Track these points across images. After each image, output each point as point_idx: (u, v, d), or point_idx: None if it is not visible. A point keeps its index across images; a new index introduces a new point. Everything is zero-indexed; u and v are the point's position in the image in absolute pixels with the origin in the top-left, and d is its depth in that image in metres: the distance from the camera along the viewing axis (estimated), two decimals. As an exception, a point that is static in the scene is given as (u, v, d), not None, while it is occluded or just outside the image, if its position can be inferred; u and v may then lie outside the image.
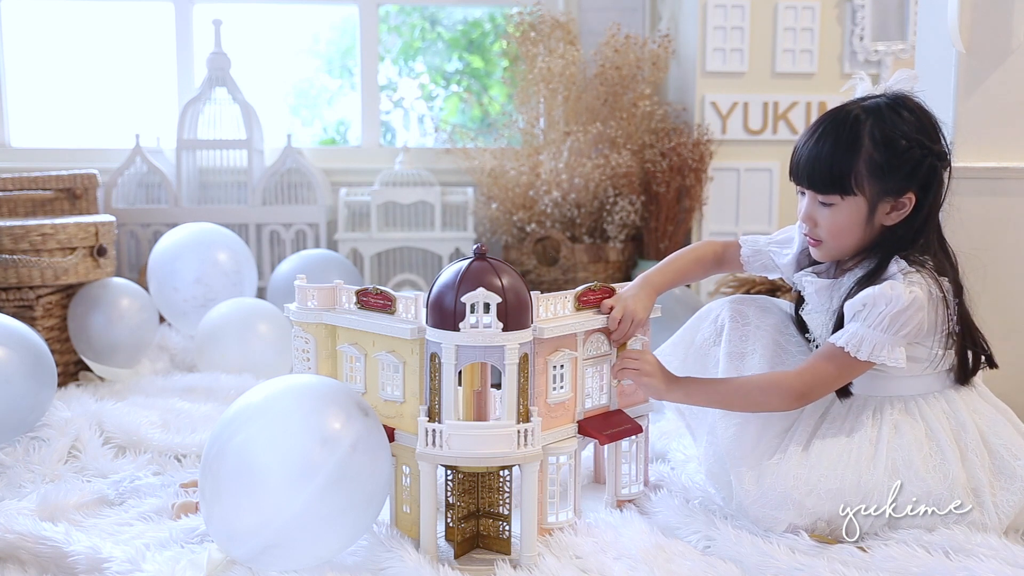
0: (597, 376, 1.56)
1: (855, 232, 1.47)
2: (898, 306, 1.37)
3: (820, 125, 1.47)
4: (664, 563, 1.34)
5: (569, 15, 3.31)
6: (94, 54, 3.55)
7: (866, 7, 3.05)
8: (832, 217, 1.46)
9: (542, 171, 3.05)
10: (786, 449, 1.47)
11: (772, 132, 3.11)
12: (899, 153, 1.42)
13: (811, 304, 1.55)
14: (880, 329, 1.38)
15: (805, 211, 1.49)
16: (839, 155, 1.43)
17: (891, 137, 1.42)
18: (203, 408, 2.14)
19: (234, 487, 1.25)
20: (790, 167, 1.51)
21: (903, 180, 1.43)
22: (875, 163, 1.42)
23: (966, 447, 1.44)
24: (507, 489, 1.46)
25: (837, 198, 1.45)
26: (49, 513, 1.55)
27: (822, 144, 1.45)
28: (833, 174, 1.43)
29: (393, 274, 3.29)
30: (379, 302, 1.48)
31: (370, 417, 1.33)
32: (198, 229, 2.81)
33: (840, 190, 1.44)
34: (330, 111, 3.79)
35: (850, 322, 1.42)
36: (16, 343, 1.87)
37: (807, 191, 1.49)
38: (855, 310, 1.41)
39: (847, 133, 1.43)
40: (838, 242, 1.48)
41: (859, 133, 1.43)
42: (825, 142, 1.44)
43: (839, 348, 1.41)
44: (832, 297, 1.51)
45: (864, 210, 1.45)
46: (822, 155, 1.44)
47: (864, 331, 1.39)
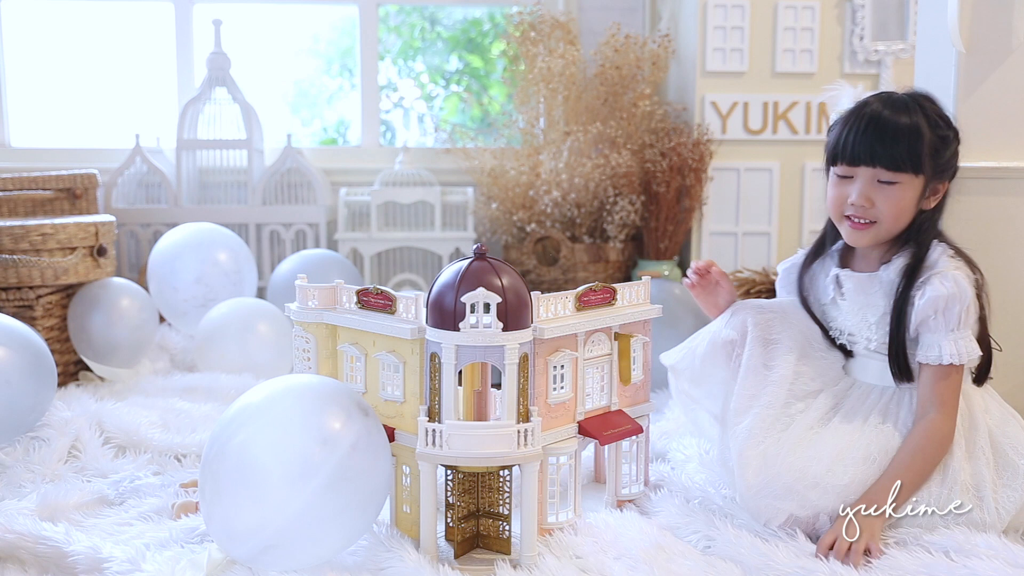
0: (597, 376, 1.56)
1: (909, 213, 1.49)
2: (968, 298, 1.42)
3: (876, 109, 1.47)
4: (664, 563, 1.34)
5: (569, 15, 3.31)
6: (94, 54, 3.55)
7: (866, 7, 3.05)
8: (895, 196, 1.47)
9: (542, 171, 3.05)
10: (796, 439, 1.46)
11: (772, 132, 3.10)
12: (947, 139, 1.48)
13: (848, 299, 1.54)
14: (965, 326, 1.43)
15: (860, 192, 1.48)
16: (912, 138, 1.45)
17: (942, 123, 1.48)
18: (203, 408, 2.14)
19: (234, 487, 1.25)
20: (841, 150, 1.49)
21: (947, 165, 1.49)
22: (934, 146, 1.47)
23: (974, 445, 1.44)
24: (507, 489, 1.46)
25: (907, 176, 1.46)
26: (49, 513, 1.55)
27: (895, 123, 1.45)
28: (911, 150, 1.45)
29: (393, 274, 3.29)
30: (379, 302, 1.48)
31: (370, 417, 1.33)
32: (198, 229, 2.81)
33: (913, 168, 1.45)
34: (330, 111, 3.79)
35: (931, 333, 1.44)
36: (16, 343, 1.87)
37: (868, 171, 1.47)
38: (925, 316, 1.43)
39: (911, 115, 1.46)
40: (895, 223, 1.49)
41: (918, 116, 1.46)
42: (897, 120, 1.46)
43: (948, 365, 1.43)
44: (869, 292, 1.51)
45: (919, 191, 1.48)
46: (900, 132, 1.45)
47: (955, 336, 1.43)
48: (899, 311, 1.47)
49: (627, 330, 1.60)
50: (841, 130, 1.50)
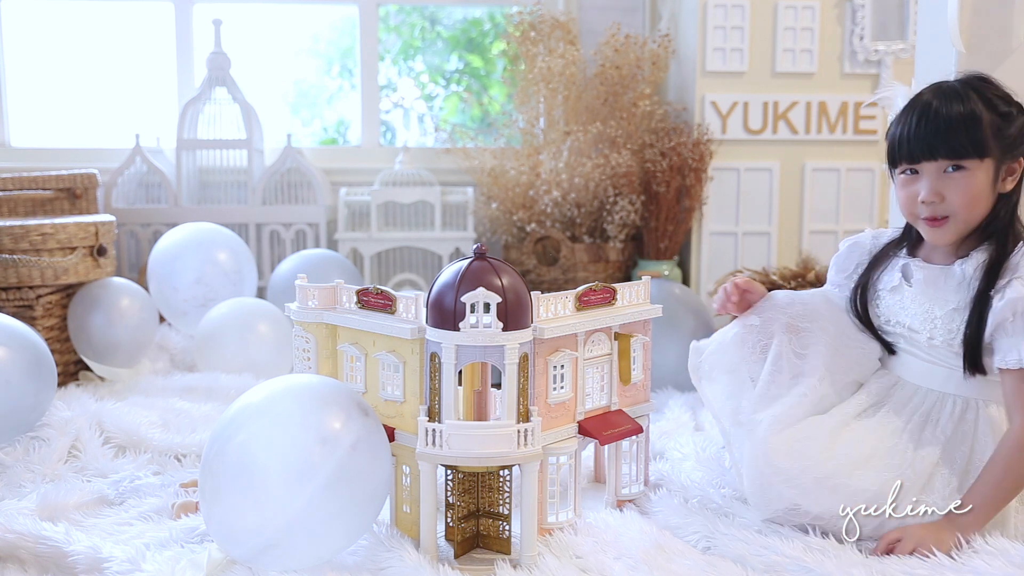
0: (597, 376, 1.56)
1: (985, 200, 1.45)
2: None
3: (927, 101, 1.46)
4: (664, 563, 1.34)
5: (569, 15, 3.31)
6: (94, 54, 3.55)
7: (866, 7, 3.05)
8: (966, 183, 1.43)
9: (542, 171, 3.05)
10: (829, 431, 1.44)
11: (772, 132, 3.10)
12: (1010, 116, 1.44)
13: (916, 290, 1.50)
14: None
15: (929, 189, 1.44)
16: (970, 123, 1.42)
17: (1000, 102, 1.45)
18: (203, 408, 2.14)
19: (234, 487, 1.25)
20: (901, 145, 1.47)
21: (1016, 142, 1.44)
22: (995, 125, 1.43)
23: None
24: (507, 489, 1.46)
25: (974, 161, 1.42)
26: (49, 513, 1.55)
27: (947, 112, 1.43)
28: (971, 135, 1.42)
29: (393, 274, 3.29)
30: (379, 302, 1.48)
31: (370, 417, 1.33)
32: (198, 229, 2.81)
33: (977, 152, 1.42)
34: (330, 111, 3.79)
35: (1008, 337, 1.39)
36: (16, 343, 1.87)
37: (932, 165, 1.44)
38: (1003, 319, 1.39)
39: (968, 108, 1.43)
40: (971, 213, 1.45)
41: (972, 100, 1.43)
42: (949, 109, 1.43)
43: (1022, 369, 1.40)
44: (940, 285, 1.48)
45: (991, 174, 1.44)
46: (953, 120, 1.42)
47: None
48: (978, 309, 1.43)
49: (627, 330, 1.60)
50: (896, 129, 1.48)
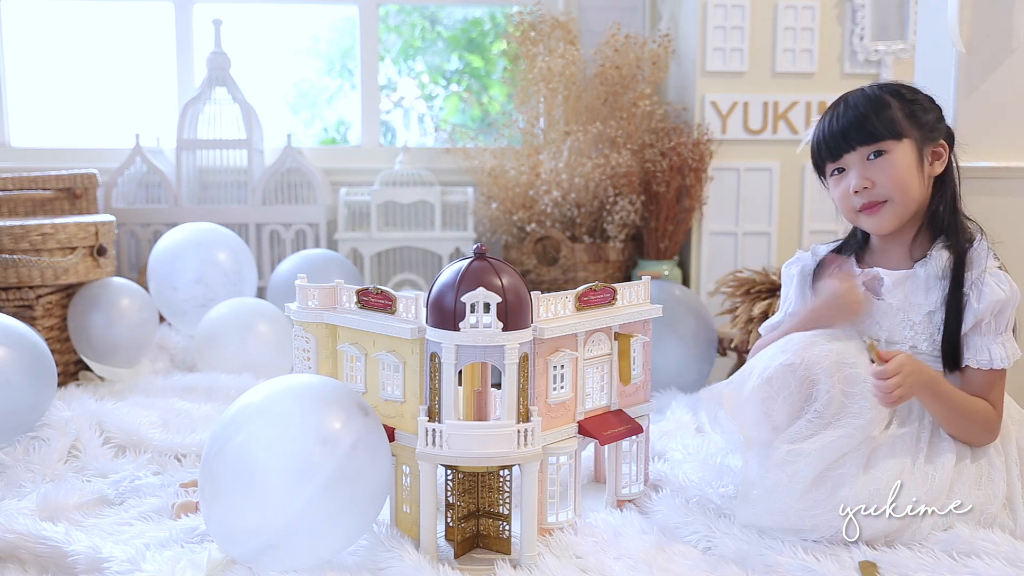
0: (597, 376, 1.56)
1: (916, 181, 1.48)
2: (1017, 300, 1.43)
3: (841, 102, 1.51)
4: (664, 563, 1.34)
5: (569, 15, 3.31)
6: (94, 54, 3.55)
7: (866, 7, 3.05)
8: (890, 164, 1.46)
9: (542, 171, 3.05)
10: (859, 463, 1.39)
11: (772, 132, 3.10)
12: (920, 102, 1.49)
13: (887, 299, 1.50)
14: (1010, 328, 1.44)
15: (857, 179, 1.48)
16: (878, 108, 1.47)
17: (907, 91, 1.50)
18: (203, 408, 2.14)
19: (234, 487, 1.25)
20: (821, 147, 1.52)
21: (933, 125, 1.48)
22: (906, 109, 1.47)
23: (1008, 456, 1.44)
24: (507, 489, 1.46)
25: (892, 143, 1.46)
26: (49, 513, 1.55)
27: (856, 103, 1.49)
28: (881, 118, 1.46)
29: (393, 274, 3.29)
30: (379, 302, 1.48)
31: (370, 417, 1.33)
32: (198, 229, 2.81)
33: (891, 133, 1.46)
34: (330, 111, 3.79)
35: (981, 336, 1.43)
36: (16, 343, 1.87)
37: (853, 156, 1.48)
38: (981, 319, 1.42)
39: (874, 97, 1.48)
40: (905, 194, 1.47)
41: (880, 92, 1.49)
42: (859, 103, 1.48)
43: (1000, 370, 1.43)
44: (908, 290, 1.49)
45: (915, 155, 1.47)
46: (861, 109, 1.47)
47: (1003, 339, 1.43)
48: (954, 309, 1.44)
49: (627, 330, 1.60)
50: (814, 136, 1.54)
